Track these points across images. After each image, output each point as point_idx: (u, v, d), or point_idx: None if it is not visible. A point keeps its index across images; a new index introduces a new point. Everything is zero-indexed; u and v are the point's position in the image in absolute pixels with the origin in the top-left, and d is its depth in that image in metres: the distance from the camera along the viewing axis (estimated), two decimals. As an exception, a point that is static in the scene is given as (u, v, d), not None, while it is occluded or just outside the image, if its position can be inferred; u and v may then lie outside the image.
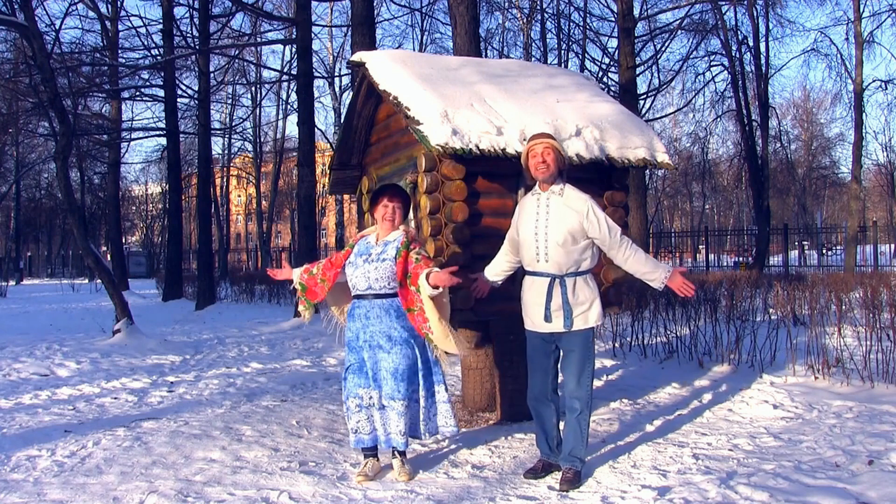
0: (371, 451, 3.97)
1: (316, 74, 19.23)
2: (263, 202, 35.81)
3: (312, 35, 15.54)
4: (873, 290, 6.79)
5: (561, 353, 3.92)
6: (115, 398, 6.20)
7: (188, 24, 20.22)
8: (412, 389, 3.91)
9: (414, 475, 3.92)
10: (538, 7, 22.67)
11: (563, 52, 23.04)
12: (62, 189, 10.70)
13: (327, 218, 42.69)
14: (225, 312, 15.09)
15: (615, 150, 4.73)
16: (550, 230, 3.80)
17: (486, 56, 19.58)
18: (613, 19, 19.93)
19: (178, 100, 19.63)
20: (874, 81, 22.11)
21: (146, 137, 24.21)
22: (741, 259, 25.54)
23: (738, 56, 21.55)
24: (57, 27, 16.26)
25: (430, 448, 4.45)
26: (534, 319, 3.91)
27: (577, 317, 3.79)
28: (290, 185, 37.46)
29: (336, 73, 28.12)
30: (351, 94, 6.48)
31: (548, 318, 3.82)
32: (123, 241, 30.50)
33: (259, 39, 23.28)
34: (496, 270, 4.22)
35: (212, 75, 19.90)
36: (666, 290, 4.04)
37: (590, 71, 21.28)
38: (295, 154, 21.15)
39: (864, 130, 19.29)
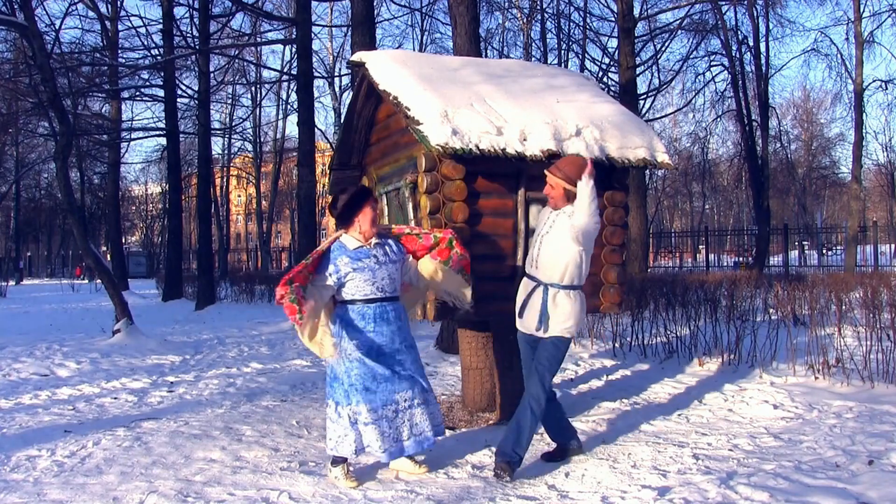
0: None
1: (316, 74, 19.24)
2: (263, 202, 35.81)
3: (312, 35, 15.55)
4: (873, 290, 6.80)
5: None
6: (115, 398, 6.20)
7: (188, 24, 20.24)
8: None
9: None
10: (538, 7, 22.66)
11: (563, 52, 23.03)
12: (62, 189, 10.71)
13: (327, 218, 42.65)
14: (225, 312, 15.09)
15: (615, 151, 4.73)
16: (546, 244, 4.04)
17: (486, 56, 19.57)
18: (613, 19, 19.93)
19: (178, 100, 19.63)
20: (874, 81, 22.09)
21: (146, 137, 24.24)
22: (741, 259, 25.53)
23: (738, 56, 21.54)
24: (57, 27, 16.28)
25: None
26: (517, 316, 4.19)
27: (552, 323, 3.99)
28: (290, 185, 37.46)
29: (336, 73, 28.14)
30: (351, 94, 6.48)
31: (521, 315, 4.11)
32: (123, 241, 30.51)
33: (259, 39, 23.28)
34: None
35: (212, 75, 19.89)
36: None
37: (590, 71, 21.28)
38: (295, 154, 21.15)
39: (864, 130, 19.29)
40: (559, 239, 3.99)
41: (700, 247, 29.71)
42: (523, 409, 4.00)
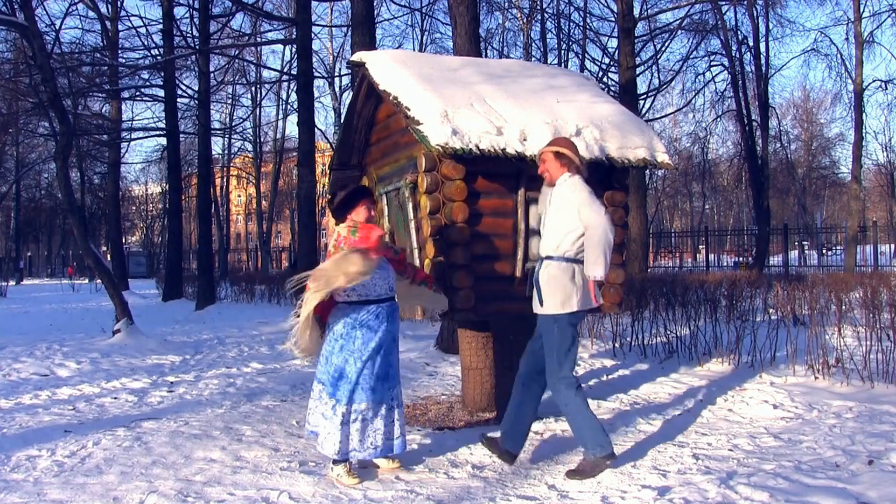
0: None
1: (316, 74, 19.24)
2: (263, 202, 35.80)
3: (312, 35, 15.55)
4: (873, 290, 6.79)
5: None
6: (115, 398, 6.20)
7: (188, 24, 20.24)
8: None
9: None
10: (538, 7, 22.66)
11: (563, 52, 23.03)
12: (62, 189, 10.71)
13: (327, 218, 42.58)
14: (225, 312, 15.09)
15: (615, 150, 4.73)
16: (547, 220, 4.00)
17: (486, 56, 19.57)
18: (613, 19, 19.93)
19: (178, 100, 19.63)
20: (874, 81, 22.06)
21: (146, 137, 24.23)
22: (741, 259, 25.53)
23: (738, 56, 21.54)
24: (57, 27, 16.31)
25: (430, 448, 4.45)
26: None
27: (545, 299, 3.88)
28: (290, 185, 37.46)
29: (336, 73, 28.13)
30: (351, 94, 6.48)
31: (529, 297, 4.05)
32: (123, 241, 30.49)
33: (259, 39, 23.28)
34: None
35: (212, 75, 19.88)
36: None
37: (590, 71, 21.28)
38: (295, 154, 21.15)
39: (864, 130, 19.29)
40: (556, 211, 3.91)
41: (700, 247, 29.70)
42: (562, 407, 3.91)
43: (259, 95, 31.10)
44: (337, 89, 29.09)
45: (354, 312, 3.87)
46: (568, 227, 3.85)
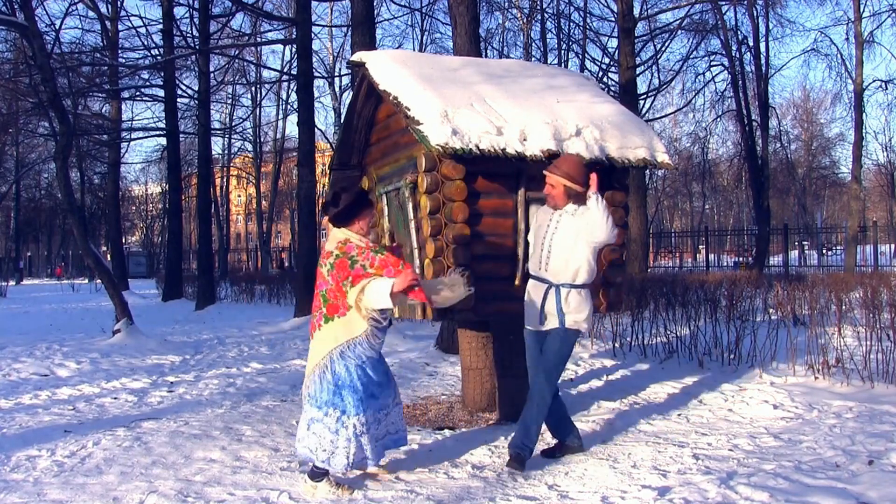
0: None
1: (316, 74, 19.23)
2: (263, 202, 35.80)
3: (312, 35, 15.54)
4: (873, 290, 6.79)
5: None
6: (115, 398, 6.20)
7: (188, 24, 20.23)
8: None
9: None
10: (538, 7, 22.65)
11: (563, 52, 23.02)
12: (62, 189, 10.71)
13: (327, 217, 42.61)
14: (225, 312, 15.09)
15: (615, 151, 4.73)
16: (554, 245, 4.07)
17: (486, 56, 19.56)
18: (613, 19, 19.92)
19: (178, 100, 19.65)
20: (874, 81, 22.00)
21: (146, 137, 24.28)
22: (741, 259, 25.53)
23: (738, 56, 21.53)
24: (57, 27, 16.28)
25: (430, 448, 4.45)
26: (530, 319, 4.20)
27: (571, 315, 4.06)
28: (290, 185, 37.47)
29: (336, 73, 28.12)
30: (351, 94, 6.48)
31: (542, 321, 4.12)
32: (123, 241, 30.50)
33: (259, 39, 23.27)
34: None
35: (212, 75, 19.89)
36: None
37: (590, 71, 21.26)
38: (295, 154, 21.15)
39: (864, 130, 19.27)
40: (568, 241, 4.04)
41: (700, 247, 29.71)
42: (529, 404, 4.08)
43: (259, 95, 31.12)
44: (337, 89, 29.11)
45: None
46: (584, 259, 4.05)
